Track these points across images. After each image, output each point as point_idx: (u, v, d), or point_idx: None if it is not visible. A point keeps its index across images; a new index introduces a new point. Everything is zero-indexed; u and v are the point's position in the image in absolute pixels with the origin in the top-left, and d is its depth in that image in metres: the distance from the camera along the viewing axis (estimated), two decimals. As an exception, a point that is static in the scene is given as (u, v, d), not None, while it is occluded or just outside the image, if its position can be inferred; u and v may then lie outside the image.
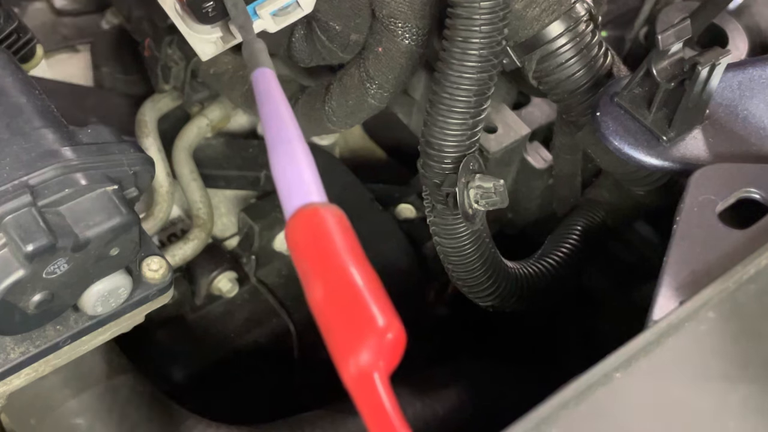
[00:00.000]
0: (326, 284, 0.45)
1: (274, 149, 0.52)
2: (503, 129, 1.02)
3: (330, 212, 0.49)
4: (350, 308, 0.44)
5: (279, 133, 0.52)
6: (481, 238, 0.90)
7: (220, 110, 1.15)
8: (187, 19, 0.67)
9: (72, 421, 0.85)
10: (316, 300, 0.45)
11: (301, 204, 0.49)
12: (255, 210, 1.10)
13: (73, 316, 0.73)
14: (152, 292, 0.75)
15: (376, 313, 0.43)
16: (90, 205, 0.66)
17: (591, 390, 0.54)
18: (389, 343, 0.43)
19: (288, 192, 0.50)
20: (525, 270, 0.97)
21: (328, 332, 0.44)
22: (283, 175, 0.51)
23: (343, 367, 0.43)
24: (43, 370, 0.74)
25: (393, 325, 0.43)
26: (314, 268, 0.46)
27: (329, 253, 0.47)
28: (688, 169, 0.74)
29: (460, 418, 1.06)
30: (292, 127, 0.53)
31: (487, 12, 0.75)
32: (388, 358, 0.43)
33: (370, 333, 0.43)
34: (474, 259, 0.90)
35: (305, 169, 0.51)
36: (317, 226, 0.48)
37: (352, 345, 0.43)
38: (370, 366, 0.42)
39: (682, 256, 0.66)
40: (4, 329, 0.69)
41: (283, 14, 0.70)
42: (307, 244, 0.47)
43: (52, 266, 0.66)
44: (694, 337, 0.57)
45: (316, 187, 0.50)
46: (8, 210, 0.64)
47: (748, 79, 0.82)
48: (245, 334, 1.12)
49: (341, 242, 0.47)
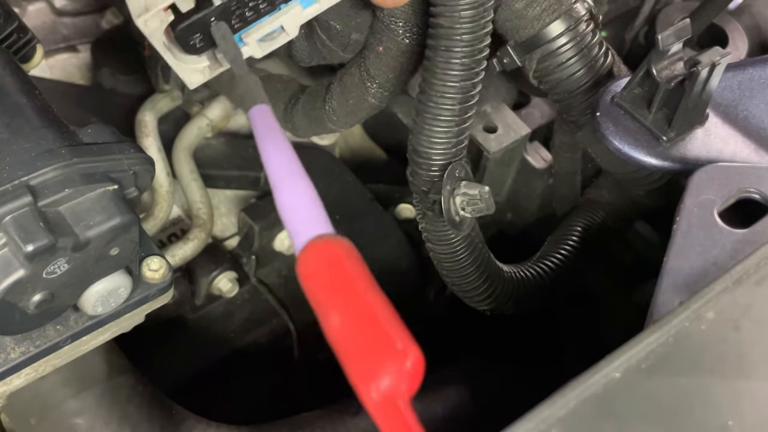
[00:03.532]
0: (343, 313, 0.47)
1: (279, 184, 0.52)
2: (503, 129, 1.02)
3: (341, 243, 0.49)
4: (369, 336, 0.45)
5: (282, 168, 0.53)
6: (473, 243, 0.90)
7: (220, 110, 1.15)
8: (174, 49, 0.66)
9: (72, 421, 0.85)
10: (333, 328, 0.46)
11: (312, 236, 0.49)
12: (255, 210, 1.10)
13: (73, 316, 0.73)
14: (152, 292, 0.75)
15: (395, 339, 0.45)
16: (90, 205, 0.66)
17: (591, 390, 0.54)
18: (410, 368, 0.44)
19: (297, 226, 0.50)
20: (522, 273, 0.97)
21: (347, 359, 0.45)
22: (291, 210, 0.51)
23: (365, 393, 0.44)
24: (44, 370, 0.74)
25: (412, 350, 0.44)
26: (330, 298, 0.47)
27: (345, 283, 0.48)
28: (688, 169, 0.74)
29: (460, 418, 1.06)
30: (294, 161, 0.53)
31: (469, 21, 0.75)
32: (410, 383, 0.44)
33: (392, 359, 0.44)
34: (467, 264, 0.91)
35: (312, 203, 0.51)
36: (330, 257, 0.49)
37: (373, 371, 0.44)
38: (393, 391, 0.44)
39: (682, 256, 0.66)
40: (4, 329, 0.69)
41: (269, 39, 0.69)
42: (321, 275, 0.48)
43: (52, 266, 0.66)
44: (694, 337, 0.57)
45: (324, 219, 0.51)
46: (8, 210, 0.64)
47: (748, 79, 0.82)
48: (245, 334, 1.12)
49: (355, 272, 0.48)
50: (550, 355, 1.14)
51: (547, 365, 1.06)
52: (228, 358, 1.12)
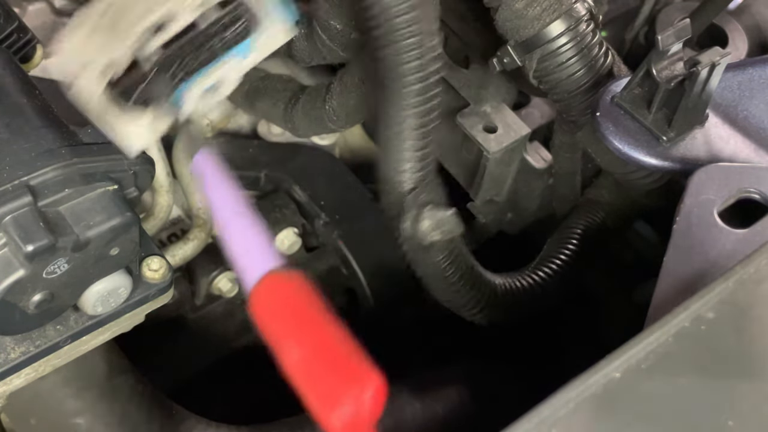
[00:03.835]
0: (301, 346, 0.46)
1: (225, 226, 0.52)
2: (503, 129, 1.01)
3: (292, 277, 0.49)
4: (328, 366, 0.46)
5: (228, 211, 0.53)
6: (457, 260, 0.90)
7: (220, 110, 1.15)
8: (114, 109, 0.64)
9: (72, 421, 0.85)
10: (293, 361, 0.47)
11: (262, 273, 0.49)
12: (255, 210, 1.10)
13: (74, 315, 0.73)
14: (152, 292, 0.75)
15: (355, 368, 0.45)
16: (90, 205, 0.66)
17: (591, 390, 0.54)
18: (371, 395, 0.44)
19: (247, 263, 0.50)
20: (516, 283, 0.98)
21: (308, 390, 0.45)
22: (239, 250, 0.51)
23: (326, 420, 0.44)
24: (44, 370, 0.74)
25: (372, 378, 0.45)
26: (286, 332, 0.47)
27: (300, 316, 0.48)
28: (688, 169, 0.74)
29: (460, 418, 1.06)
30: (240, 201, 0.53)
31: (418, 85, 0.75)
32: (372, 410, 0.45)
33: (352, 387, 0.44)
34: (453, 282, 0.91)
35: (260, 239, 0.51)
36: (282, 292, 0.49)
37: (334, 400, 0.44)
38: (356, 418, 0.44)
39: (682, 256, 0.66)
40: (4, 329, 0.69)
41: (210, 93, 0.67)
42: (275, 311, 0.48)
43: (52, 266, 0.66)
44: (694, 337, 0.57)
45: (273, 254, 0.50)
46: (8, 210, 0.64)
47: (748, 79, 0.82)
48: (245, 334, 1.12)
49: (309, 304, 0.48)
50: (550, 355, 1.14)
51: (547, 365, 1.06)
52: (228, 358, 1.12)
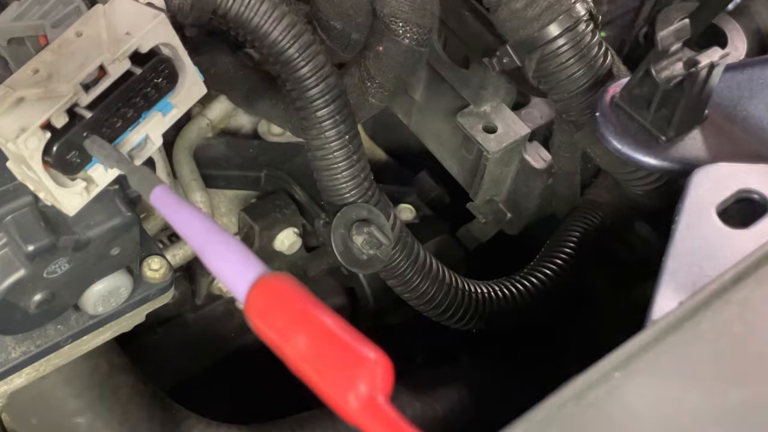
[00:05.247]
0: (306, 337, 0.48)
1: (202, 248, 0.54)
2: (503, 129, 1.02)
3: (282, 277, 0.51)
4: (335, 352, 0.47)
5: (200, 233, 0.55)
6: (430, 272, 0.93)
7: (221, 110, 1.15)
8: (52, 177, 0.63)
9: (73, 420, 0.85)
10: (299, 355, 0.48)
11: (253, 279, 0.51)
12: (255, 210, 1.10)
13: (74, 315, 0.73)
14: (153, 292, 0.75)
15: (361, 348, 0.47)
16: (91, 204, 0.66)
17: (590, 390, 0.54)
18: (381, 370, 0.46)
19: (235, 276, 0.52)
20: (502, 290, 0.99)
21: (319, 379, 0.47)
22: (222, 265, 0.53)
23: (344, 404, 0.46)
24: (44, 370, 0.74)
25: (379, 354, 0.47)
26: (288, 328, 0.49)
27: (299, 311, 0.49)
28: (687, 169, 0.74)
29: (460, 417, 1.06)
30: (208, 221, 0.55)
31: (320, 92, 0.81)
32: (384, 384, 0.46)
33: (362, 366, 0.46)
34: (424, 292, 0.94)
35: (240, 250, 0.53)
36: (279, 291, 0.51)
37: (348, 381, 0.46)
38: (372, 392, 0.45)
39: (682, 256, 0.66)
40: (5, 329, 0.69)
41: (138, 151, 0.68)
42: (274, 311, 0.50)
43: (53, 266, 0.66)
44: (694, 337, 0.57)
45: (257, 261, 0.52)
46: (9, 210, 0.64)
47: (748, 79, 0.82)
48: (245, 334, 1.12)
49: (305, 299, 0.50)
50: (550, 355, 1.14)
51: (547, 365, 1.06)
52: (228, 358, 1.12)
